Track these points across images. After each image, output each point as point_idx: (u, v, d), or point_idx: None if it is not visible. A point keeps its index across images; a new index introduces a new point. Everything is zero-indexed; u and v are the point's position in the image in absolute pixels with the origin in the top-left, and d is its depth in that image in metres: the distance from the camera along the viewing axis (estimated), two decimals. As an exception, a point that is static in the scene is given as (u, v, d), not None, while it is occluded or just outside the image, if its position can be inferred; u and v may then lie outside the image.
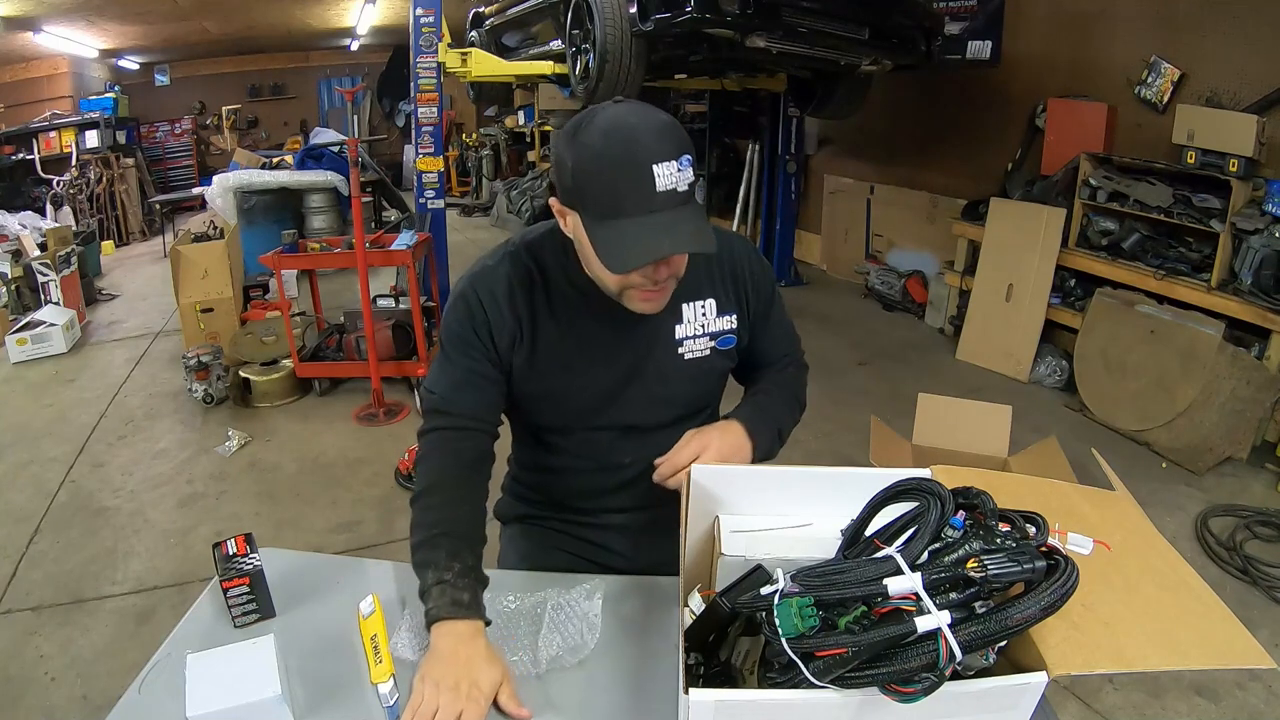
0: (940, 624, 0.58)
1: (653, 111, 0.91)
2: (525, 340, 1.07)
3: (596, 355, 1.08)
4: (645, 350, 1.09)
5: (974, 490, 0.67)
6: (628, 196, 0.88)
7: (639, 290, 0.98)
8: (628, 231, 0.89)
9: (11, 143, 7.92)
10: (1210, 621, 0.67)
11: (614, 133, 0.88)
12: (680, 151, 0.88)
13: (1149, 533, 0.78)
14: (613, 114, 0.90)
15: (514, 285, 1.06)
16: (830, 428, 3.30)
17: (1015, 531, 0.64)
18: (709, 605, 0.77)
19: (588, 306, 1.06)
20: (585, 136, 0.90)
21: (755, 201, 5.80)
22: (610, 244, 0.90)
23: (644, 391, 1.11)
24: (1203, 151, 3.12)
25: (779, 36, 3.09)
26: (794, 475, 0.87)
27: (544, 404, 1.13)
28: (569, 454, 1.17)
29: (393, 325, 3.67)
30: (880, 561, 0.63)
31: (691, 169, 0.90)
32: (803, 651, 0.61)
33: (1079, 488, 0.85)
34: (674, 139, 0.89)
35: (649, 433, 1.13)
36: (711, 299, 1.11)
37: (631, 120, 0.89)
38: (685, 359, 1.11)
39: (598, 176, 0.89)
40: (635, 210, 0.88)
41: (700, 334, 1.11)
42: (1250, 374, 2.94)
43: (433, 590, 0.92)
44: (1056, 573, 0.60)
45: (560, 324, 1.07)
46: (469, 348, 1.06)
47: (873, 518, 0.72)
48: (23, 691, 1.97)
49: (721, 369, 1.16)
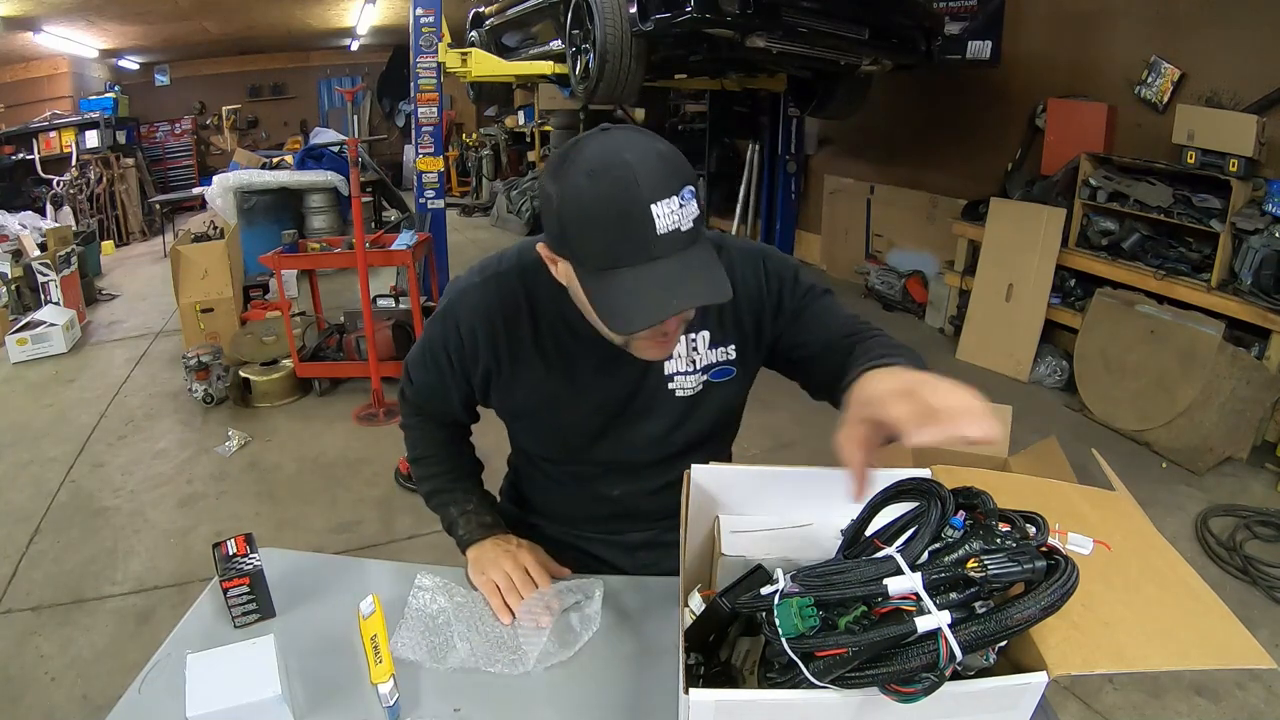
0: (940, 624, 0.58)
1: (646, 139, 0.79)
2: (504, 375, 1.01)
3: (582, 394, 1.00)
4: (635, 389, 1.01)
5: (974, 490, 0.67)
6: (624, 245, 0.76)
7: (646, 340, 0.88)
8: (628, 286, 0.77)
9: (11, 143, 7.93)
10: (1210, 621, 0.67)
11: (603, 172, 0.75)
12: (682, 184, 0.76)
13: (1149, 533, 0.78)
14: (600, 148, 0.77)
15: (495, 316, 0.97)
16: (830, 428, 3.29)
17: (1015, 532, 0.63)
18: (709, 605, 0.77)
19: (577, 345, 0.97)
20: (571, 177, 0.77)
21: (755, 201, 5.81)
22: (611, 301, 0.78)
23: (632, 430, 1.03)
24: (1203, 151, 3.12)
25: (779, 36, 3.10)
26: (794, 475, 0.87)
27: (527, 434, 1.13)
28: (557, 479, 1.14)
29: (393, 325, 3.67)
30: (880, 561, 0.63)
31: (695, 201, 0.78)
32: (803, 651, 0.61)
33: (1079, 488, 0.85)
34: (673, 170, 0.77)
35: (641, 469, 1.08)
36: (705, 331, 1.00)
37: (624, 155, 0.75)
38: (677, 395, 1.01)
39: (588, 224, 0.76)
40: (634, 259, 0.76)
41: (691, 370, 1.00)
42: (1250, 374, 2.94)
43: (459, 521, 1.06)
44: (1056, 573, 0.59)
45: (546, 361, 0.99)
46: (440, 365, 1.04)
47: (873, 518, 0.72)
48: (23, 691, 1.98)
49: (722, 404, 1.05)
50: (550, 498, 1.19)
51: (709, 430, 1.06)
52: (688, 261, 0.77)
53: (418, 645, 0.96)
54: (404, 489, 2.94)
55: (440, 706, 0.88)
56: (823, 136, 5.89)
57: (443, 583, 1.05)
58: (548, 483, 1.17)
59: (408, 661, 0.93)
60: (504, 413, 1.08)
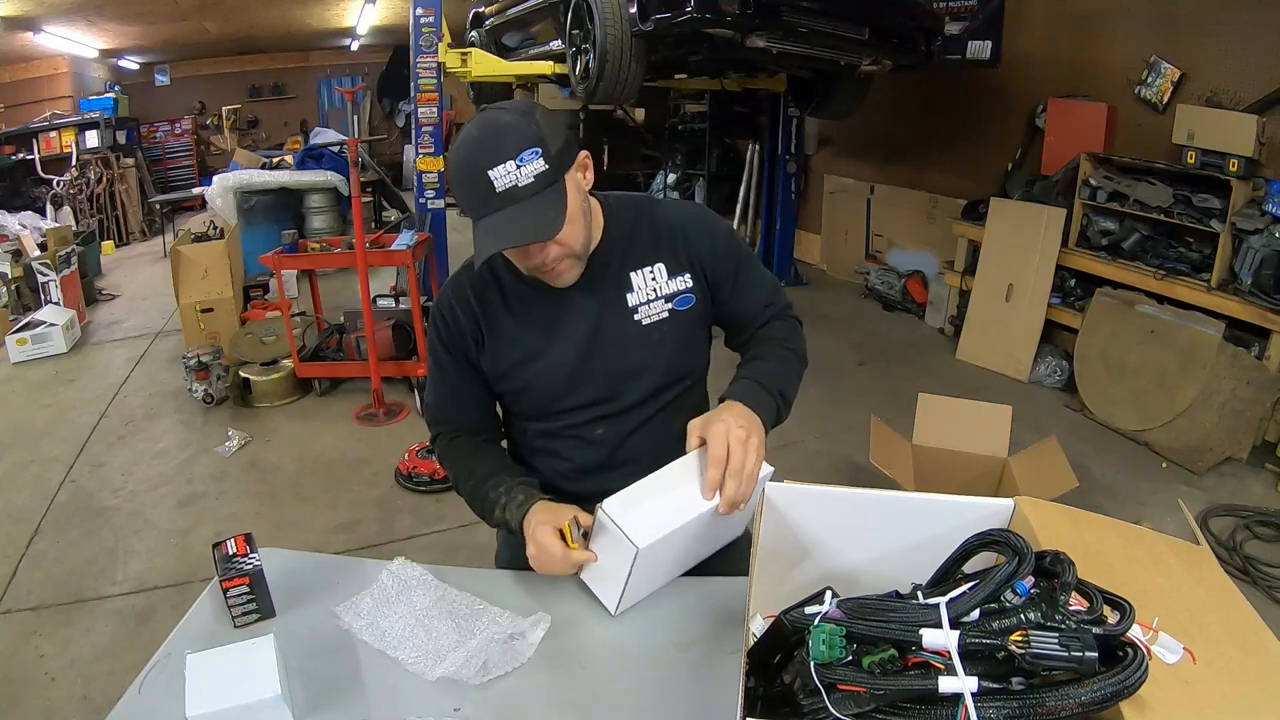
0: (964, 690, 0.53)
1: (497, 114, 0.98)
2: (486, 339, 1.15)
3: (554, 335, 1.13)
4: (598, 320, 1.12)
5: (1062, 557, 0.61)
6: (474, 202, 0.97)
7: (541, 271, 1.06)
8: (481, 230, 0.98)
9: (11, 143, 7.92)
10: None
11: (459, 147, 0.98)
12: (519, 149, 0.94)
13: (1231, 591, 0.75)
14: (467, 129, 0.99)
15: (471, 291, 1.15)
16: (830, 428, 3.30)
17: (1090, 612, 0.57)
18: (772, 625, 0.73)
19: (537, 295, 1.13)
20: (452, 152, 1.01)
21: (755, 201, 5.80)
22: (475, 241, 0.99)
23: (606, 364, 1.13)
24: (1203, 151, 3.11)
25: (779, 36, 3.09)
26: (870, 499, 0.84)
27: (518, 396, 1.19)
28: (549, 435, 1.20)
29: (393, 325, 3.67)
30: (924, 609, 0.59)
31: (540, 158, 0.95)
32: (827, 681, 0.59)
33: (1164, 537, 0.82)
34: (513, 138, 0.95)
35: (627, 412, 1.16)
36: (660, 263, 1.14)
37: (472, 132, 0.98)
38: (643, 324, 1.13)
39: (455, 188, 1.00)
40: (483, 212, 0.97)
41: (654, 297, 1.13)
42: (1250, 374, 2.94)
43: (506, 520, 1.09)
44: (1117, 666, 0.53)
45: (515, 315, 1.14)
46: (444, 362, 1.18)
47: (965, 561, 0.68)
48: (23, 691, 1.98)
49: (687, 333, 1.16)
50: (545, 468, 1.22)
51: (677, 358, 1.17)
52: (520, 212, 0.96)
53: (360, 613, 1.02)
54: (404, 489, 2.94)
55: (440, 706, 0.88)
56: (823, 136, 5.89)
57: (419, 575, 1.07)
58: (541, 449, 1.22)
59: (342, 628, 1.00)
60: (496, 379, 1.18)
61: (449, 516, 2.74)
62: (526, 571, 1.10)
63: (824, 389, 3.66)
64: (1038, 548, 0.63)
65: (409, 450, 3.02)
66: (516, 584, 1.09)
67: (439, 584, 1.07)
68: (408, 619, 1.00)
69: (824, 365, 4.02)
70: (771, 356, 1.15)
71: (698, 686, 0.91)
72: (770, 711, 0.68)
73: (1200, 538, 0.82)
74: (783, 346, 1.17)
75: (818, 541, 0.86)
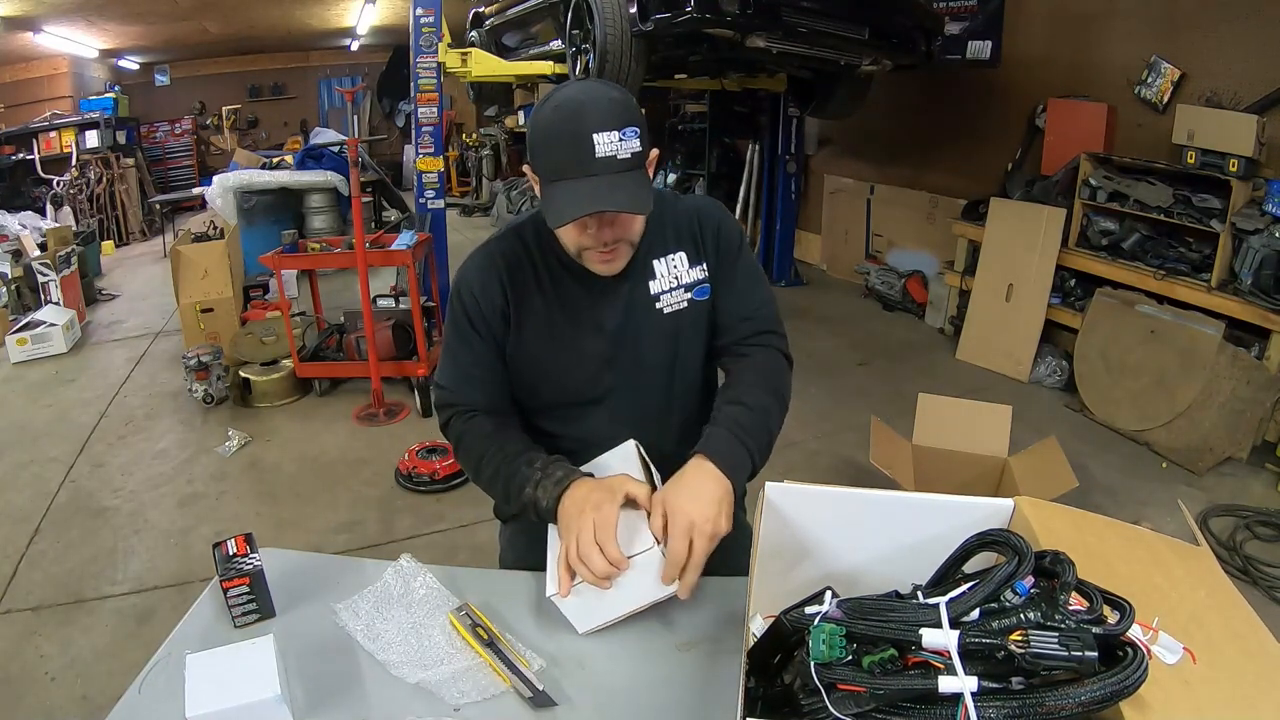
0: (964, 690, 0.53)
1: (604, 88, 0.99)
2: (514, 314, 1.12)
3: (582, 321, 1.13)
4: (626, 311, 1.12)
5: (1062, 556, 0.61)
6: (568, 161, 0.96)
7: (593, 252, 1.04)
8: (566, 192, 0.96)
9: (11, 143, 7.93)
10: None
11: (562, 106, 0.97)
12: (624, 124, 0.95)
13: (1231, 591, 0.75)
14: (566, 92, 0.99)
15: (501, 266, 1.13)
16: (830, 428, 3.30)
17: (1090, 612, 0.58)
18: (772, 625, 0.73)
19: (569, 275, 1.12)
20: (542, 110, 0.99)
21: (755, 201, 5.80)
22: (550, 203, 0.98)
23: (632, 353, 1.13)
24: (1203, 151, 3.11)
25: (779, 36, 3.09)
26: (870, 498, 0.84)
27: (540, 382, 1.16)
28: (553, 424, 1.19)
29: (393, 325, 3.67)
30: (924, 609, 0.59)
31: (638, 140, 0.97)
32: (827, 680, 0.59)
33: (1164, 537, 0.82)
34: (620, 112, 0.96)
35: (639, 401, 1.16)
36: (681, 252, 1.14)
37: (580, 96, 0.97)
38: (665, 314, 1.14)
39: (545, 144, 0.99)
40: (574, 173, 0.96)
41: (675, 285, 1.14)
42: (1250, 374, 2.94)
43: (538, 498, 1.02)
44: (1117, 666, 0.53)
45: (545, 295, 1.12)
46: (468, 338, 1.13)
47: (965, 561, 0.68)
48: (23, 691, 1.98)
49: (703, 323, 1.16)
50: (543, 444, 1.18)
51: (693, 349, 1.17)
52: (617, 181, 0.95)
53: (358, 613, 1.02)
54: (404, 489, 2.94)
55: (440, 706, 0.88)
56: (823, 136, 5.89)
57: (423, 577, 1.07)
58: (545, 426, 1.20)
59: (339, 625, 1.00)
60: (519, 362, 1.15)
61: (449, 516, 2.74)
62: (528, 571, 1.10)
63: (824, 389, 3.66)
64: (1038, 548, 0.63)
65: (409, 450, 3.02)
66: (517, 583, 1.09)
67: (446, 593, 1.05)
68: (403, 622, 1.00)
69: (824, 365, 4.02)
70: (755, 405, 1.07)
71: (698, 686, 0.90)
72: (770, 711, 0.68)
73: (1200, 538, 0.82)
74: (766, 390, 1.10)
75: (818, 541, 0.86)
